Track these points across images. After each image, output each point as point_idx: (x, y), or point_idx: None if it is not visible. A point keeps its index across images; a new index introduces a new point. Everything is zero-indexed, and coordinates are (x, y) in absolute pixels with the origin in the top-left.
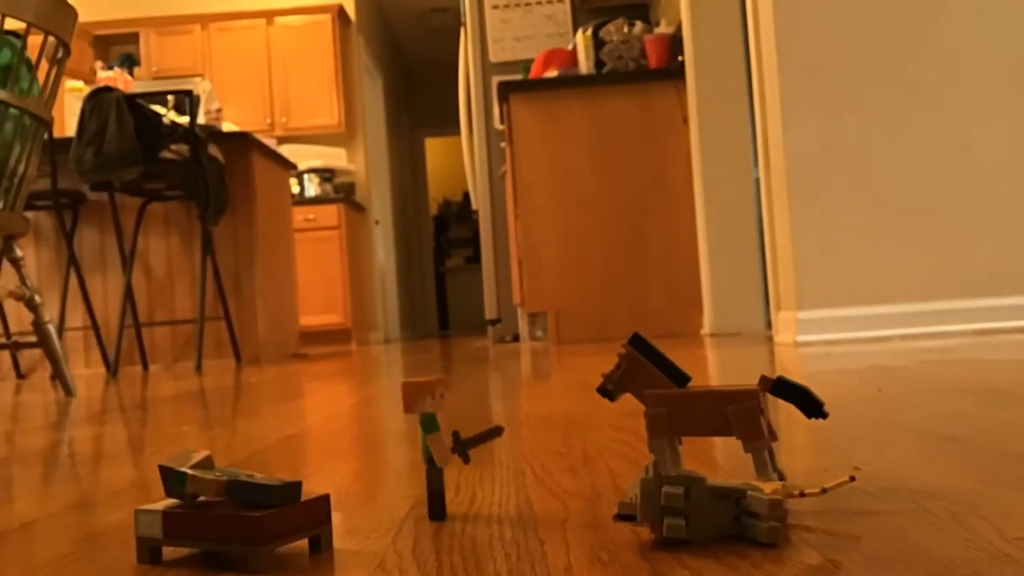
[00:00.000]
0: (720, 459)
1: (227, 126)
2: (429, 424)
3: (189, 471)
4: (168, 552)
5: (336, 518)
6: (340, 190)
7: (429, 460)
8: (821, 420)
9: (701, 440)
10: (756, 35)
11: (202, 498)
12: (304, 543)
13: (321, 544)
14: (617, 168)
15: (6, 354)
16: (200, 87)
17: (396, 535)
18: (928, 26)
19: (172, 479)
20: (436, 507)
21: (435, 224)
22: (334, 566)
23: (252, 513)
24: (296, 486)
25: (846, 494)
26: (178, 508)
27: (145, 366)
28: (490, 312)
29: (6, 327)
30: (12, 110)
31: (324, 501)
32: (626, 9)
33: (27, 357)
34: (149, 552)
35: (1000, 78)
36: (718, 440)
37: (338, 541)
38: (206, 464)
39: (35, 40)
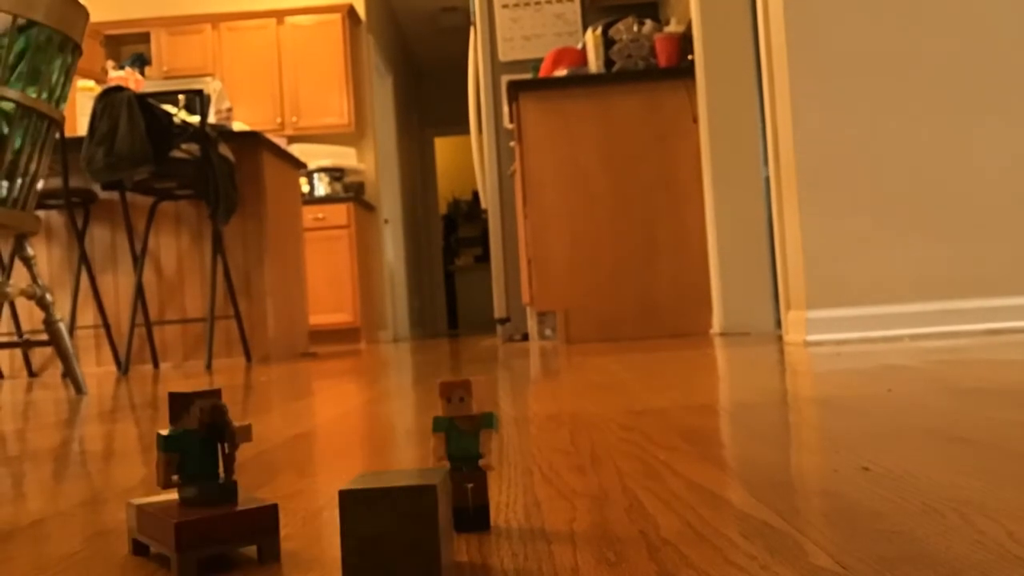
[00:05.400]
0: (730, 460)
1: (237, 125)
2: (438, 425)
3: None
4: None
5: None
6: (350, 189)
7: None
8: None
9: (707, 440)
10: (766, 34)
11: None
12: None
13: (264, 555)
14: (626, 167)
15: (18, 352)
16: (211, 87)
17: None
18: (939, 25)
19: (158, 440)
20: (461, 520)
21: (444, 223)
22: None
23: (172, 520)
24: (231, 486)
25: (855, 494)
26: (150, 505)
27: (156, 364)
28: (499, 311)
29: (18, 325)
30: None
31: (269, 511)
32: (636, 8)
33: (38, 355)
34: (133, 544)
35: (1016, 77)
36: (727, 440)
37: None
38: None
39: None
